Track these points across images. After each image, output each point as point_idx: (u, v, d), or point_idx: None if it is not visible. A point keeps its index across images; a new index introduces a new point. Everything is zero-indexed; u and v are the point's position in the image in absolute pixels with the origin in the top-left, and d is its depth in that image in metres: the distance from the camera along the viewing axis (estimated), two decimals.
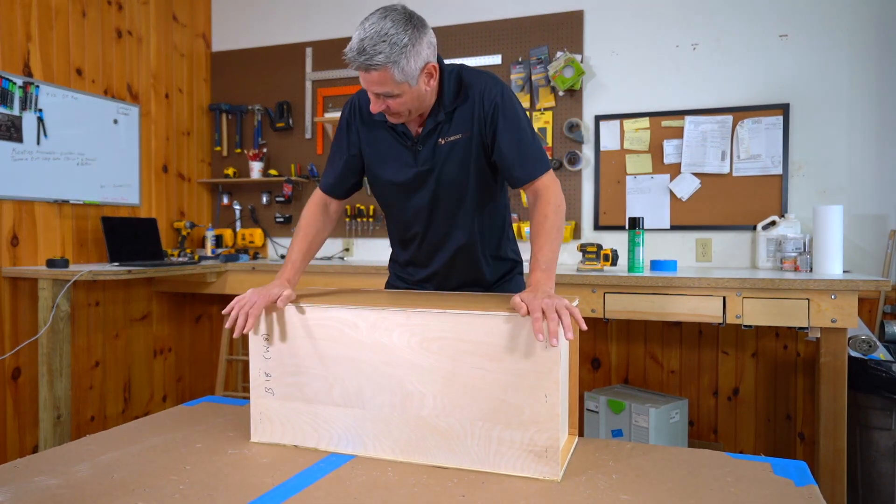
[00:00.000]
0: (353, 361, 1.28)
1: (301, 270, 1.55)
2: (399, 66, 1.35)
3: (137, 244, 3.35)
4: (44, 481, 1.13)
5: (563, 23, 3.34)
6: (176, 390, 3.84)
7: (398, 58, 1.34)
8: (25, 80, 2.96)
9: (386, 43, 1.32)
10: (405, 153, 1.57)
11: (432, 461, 1.22)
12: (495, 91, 1.51)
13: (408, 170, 1.57)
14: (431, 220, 1.62)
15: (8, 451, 2.90)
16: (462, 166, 1.55)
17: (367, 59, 1.34)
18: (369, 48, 1.33)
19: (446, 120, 1.53)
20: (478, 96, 1.51)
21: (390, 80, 1.37)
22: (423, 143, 1.55)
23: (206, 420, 1.51)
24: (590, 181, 3.32)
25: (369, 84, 1.39)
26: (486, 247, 1.67)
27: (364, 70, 1.36)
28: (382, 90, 1.39)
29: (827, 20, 2.95)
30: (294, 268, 1.53)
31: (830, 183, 2.95)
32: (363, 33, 1.34)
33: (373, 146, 1.61)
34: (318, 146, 3.83)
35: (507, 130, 1.50)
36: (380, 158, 1.60)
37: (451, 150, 1.54)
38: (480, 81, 1.52)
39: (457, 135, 1.53)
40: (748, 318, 2.41)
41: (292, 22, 3.91)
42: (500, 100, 1.51)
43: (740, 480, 1.14)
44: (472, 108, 1.52)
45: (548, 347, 1.13)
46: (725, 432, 3.11)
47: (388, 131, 1.58)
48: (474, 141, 1.53)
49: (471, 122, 1.52)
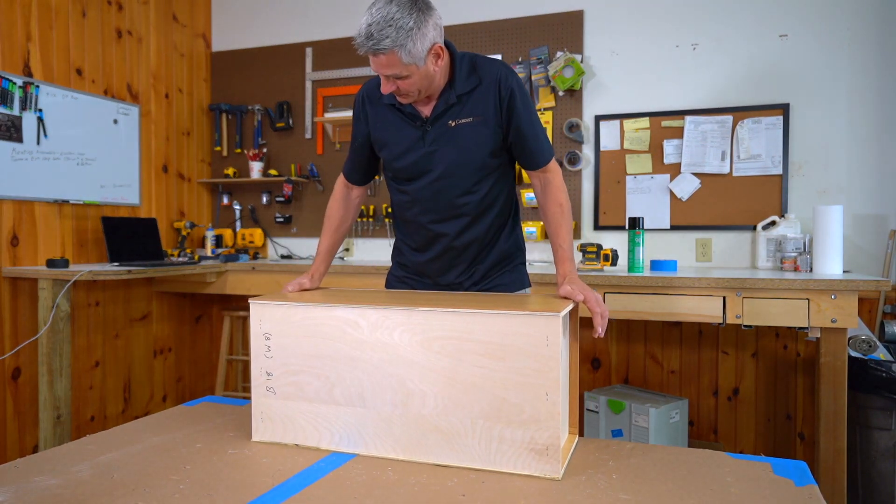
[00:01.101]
0: (354, 360, 1.28)
1: (328, 262, 1.74)
2: (406, 49, 1.40)
3: (137, 244, 3.34)
4: (44, 481, 1.13)
5: (563, 23, 3.34)
6: (176, 390, 3.84)
7: (404, 41, 1.39)
8: (25, 80, 2.96)
9: (392, 27, 1.38)
10: (413, 133, 1.61)
11: (433, 460, 1.22)
12: (512, 79, 1.57)
13: (416, 150, 1.61)
14: (436, 201, 1.64)
15: (8, 451, 2.90)
16: (472, 149, 1.58)
17: (374, 44, 1.40)
18: (376, 33, 1.38)
19: (458, 102, 1.57)
20: (493, 82, 1.56)
21: (398, 62, 1.42)
22: (433, 124, 1.58)
23: (206, 420, 1.51)
24: (590, 181, 3.32)
25: (378, 67, 1.46)
26: (490, 231, 1.68)
27: (372, 54, 1.42)
28: (391, 72, 1.45)
29: (827, 20, 2.95)
30: (320, 259, 1.72)
31: (830, 183, 2.95)
32: (370, 18, 1.39)
33: (381, 128, 1.66)
34: (318, 146, 3.83)
35: (525, 115, 1.57)
36: (388, 139, 1.65)
37: (461, 132, 1.58)
38: (495, 68, 1.57)
39: (469, 118, 1.57)
40: (748, 318, 2.42)
41: (292, 22, 3.91)
42: (516, 86, 1.56)
43: (740, 480, 1.14)
44: (487, 92, 1.56)
45: (549, 346, 1.13)
46: (725, 432, 3.11)
47: (397, 112, 1.62)
48: (487, 125, 1.57)
49: (484, 107, 1.56)
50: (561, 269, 1.50)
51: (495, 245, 1.70)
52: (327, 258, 1.74)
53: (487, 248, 1.69)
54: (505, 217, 1.72)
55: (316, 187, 3.83)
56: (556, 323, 1.13)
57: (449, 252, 1.68)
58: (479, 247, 1.68)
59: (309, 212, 3.86)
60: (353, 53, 3.75)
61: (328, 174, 3.81)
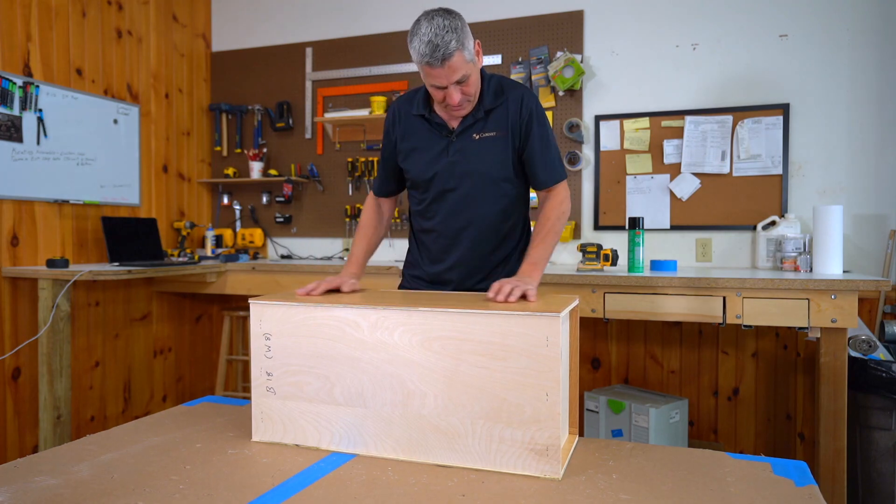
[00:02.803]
0: (354, 360, 1.28)
1: (363, 265, 1.80)
2: (465, 48, 1.53)
3: (137, 244, 3.34)
4: (44, 481, 1.13)
5: (563, 23, 3.34)
6: (176, 390, 3.84)
7: (463, 39, 1.52)
8: (25, 80, 2.96)
9: (449, 32, 1.50)
10: (439, 144, 1.69)
11: (433, 460, 1.22)
12: (533, 101, 1.69)
13: (440, 160, 1.69)
14: (454, 212, 1.72)
15: (8, 451, 2.90)
16: (492, 162, 1.67)
17: (443, 51, 1.49)
18: (440, 42, 1.48)
19: (483, 118, 1.66)
20: (515, 102, 1.68)
21: (464, 62, 1.53)
22: (458, 136, 1.68)
23: (206, 420, 1.51)
24: (590, 181, 3.32)
25: (450, 74, 1.52)
26: (504, 244, 1.75)
27: (441, 63, 1.50)
28: (461, 75, 1.53)
29: (827, 20, 2.95)
30: (357, 263, 1.77)
31: (830, 183, 2.95)
32: (426, 36, 1.49)
33: (408, 137, 1.74)
34: (318, 146, 3.83)
35: (540, 136, 1.68)
36: (414, 147, 1.73)
37: (483, 146, 1.67)
38: (519, 90, 1.70)
39: (492, 132, 1.67)
40: (748, 318, 2.42)
41: (292, 22, 3.91)
42: (536, 108, 1.68)
43: (740, 480, 1.14)
44: (508, 110, 1.67)
45: (549, 346, 1.13)
46: (725, 432, 3.11)
47: (425, 123, 1.71)
48: (508, 140, 1.67)
49: (506, 123, 1.67)
50: (519, 270, 1.56)
51: (509, 258, 1.77)
52: (363, 261, 1.80)
53: (501, 260, 1.75)
54: (519, 232, 1.78)
55: (316, 187, 3.83)
56: (556, 323, 1.13)
57: (465, 263, 1.74)
58: (492, 259, 1.74)
59: (309, 212, 3.86)
60: (353, 53, 3.75)
61: (328, 174, 3.81)
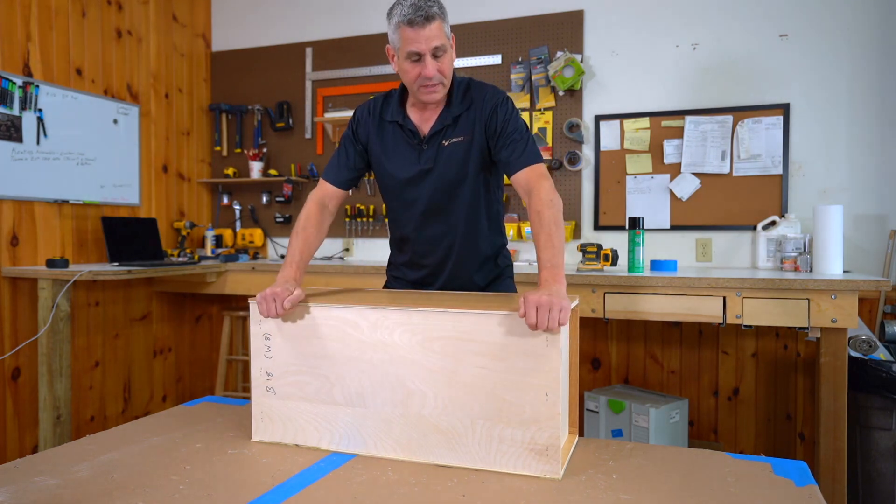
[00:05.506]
0: (354, 360, 1.28)
1: (303, 269, 1.55)
2: (445, 21, 1.55)
3: (137, 244, 3.34)
4: (44, 481, 1.13)
5: (563, 23, 3.34)
6: (176, 390, 3.84)
7: (444, 14, 1.55)
8: (25, 80, 2.95)
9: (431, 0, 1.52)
10: (410, 151, 1.67)
11: (433, 460, 1.22)
12: (497, 96, 1.65)
13: (411, 166, 1.67)
14: (427, 218, 1.70)
15: (8, 451, 2.90)
16: (460, 167, 1.65)
17: (427, 12, 1.49)
18: (423, 5, 1.50)
19: (452, 124, 1.64)
20: (480, 102, 1.64)
21: (442, 33, 1.53)
22: (429, 143, 1.66)
23: (206, 420, 1.51)
24: (590, 181, 3.32)
25: (428, 38, 1.51)
26: (478, 249, 1.73)
27: (421, 24, 1.50)
28: (438, 42, 1.53)
29: (827, 20, 2.95)
30: (297, 266, 1.52)
31: (830, 183, 2.95)
32: None
33: (381, 141, 1.71)
34: (318, 146, 3.83)
35: (505, 120, 1.62)
36: (386, 152, 1.70)
37: (452, 152, 1.65)
38: (484, 91, 1.66)
39: (459, 137, 1.64)
40: (748, 318, 2.41)
41: (292, 22, 3.91)
42: (500, 100, 1.64)
43: (740, 480, 1.14)
44: (475, 112, 1.64)
45: (549, 346, 1.13)
46: (725, 432, 3.11)
47: (398, 129, 1.68)
48: (474, 143, 1.64)
49: (472, 126, 1.64)
50: (538, 277, 1.34)
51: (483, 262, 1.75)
52: (303, 265, 1.56)
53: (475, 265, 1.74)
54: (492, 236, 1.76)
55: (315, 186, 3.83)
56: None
57: (437, 270, 1.73)
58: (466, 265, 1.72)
59: None
60: (353, 53, 3.75)
61: None
